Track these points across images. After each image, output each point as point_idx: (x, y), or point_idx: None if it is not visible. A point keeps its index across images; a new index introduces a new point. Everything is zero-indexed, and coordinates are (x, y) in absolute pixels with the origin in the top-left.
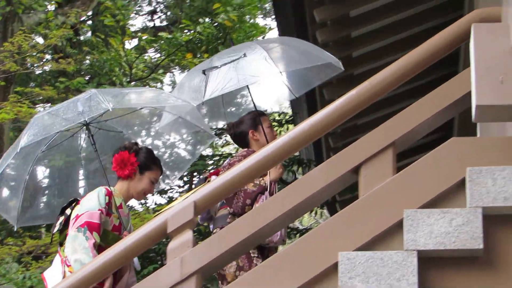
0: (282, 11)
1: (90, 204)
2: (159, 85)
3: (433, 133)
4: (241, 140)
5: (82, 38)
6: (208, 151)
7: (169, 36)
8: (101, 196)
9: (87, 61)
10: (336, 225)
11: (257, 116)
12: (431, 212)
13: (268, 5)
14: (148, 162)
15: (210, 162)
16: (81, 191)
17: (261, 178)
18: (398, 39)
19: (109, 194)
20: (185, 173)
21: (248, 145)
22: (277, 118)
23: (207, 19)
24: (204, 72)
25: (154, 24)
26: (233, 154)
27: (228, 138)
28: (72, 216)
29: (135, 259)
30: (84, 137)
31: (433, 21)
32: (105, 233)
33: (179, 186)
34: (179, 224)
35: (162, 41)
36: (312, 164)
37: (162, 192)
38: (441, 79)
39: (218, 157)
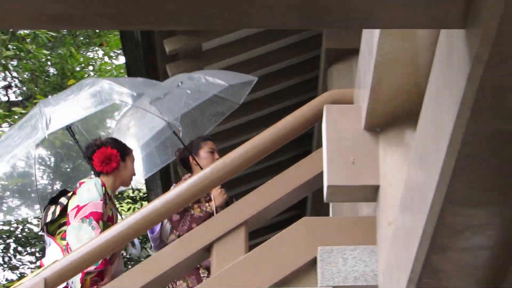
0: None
1: (91, 194)
2: None
3: (287, 211)
4: (185, 165)
5: None
6: None
7: (23, 111)
8: (98, 187)
9: None
10: None
11: (200, 141)
12: None
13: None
14: (124, 148)
15: None
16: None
17: (208, 204)
18: (254, 118)
19: (104, 185)
20: (37, 249)
21: (191, 170)
22: (131, 194)
23: None
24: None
25: (9, 98)
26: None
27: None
28: (71, 206)
29: (137, 243)
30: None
31: (289, 100)
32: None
33: (31, 262)
34: None
35: (16, 116)
36: None
37: (13, 268)
38: (300, 156)
39: None
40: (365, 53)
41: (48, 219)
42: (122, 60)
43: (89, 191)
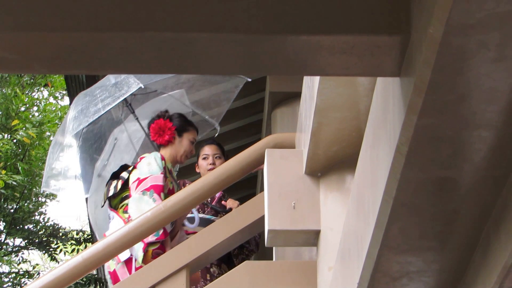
0: None
1: (151, 168)
2: None
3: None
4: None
5: None
6: (4, 268)
7: None
8: (158, 160)
9: None
10: None
11: (199, 148)
12: None
13: None
14: (183, 124)
15: (6, 279)
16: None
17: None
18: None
19: (164, 159)
20: None
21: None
22: (75, 236)
23: (6, 135)
24: None
25: None
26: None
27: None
28: (132, 179)
29: (196, 217)
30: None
31: (234, 142)
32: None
33: None
34: None
35: None
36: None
37: None
38: (244, 199)
39: (15, 274)
40: (306, 97)
41: (110, 193)
42: (67, 101)
43: (149, 165)
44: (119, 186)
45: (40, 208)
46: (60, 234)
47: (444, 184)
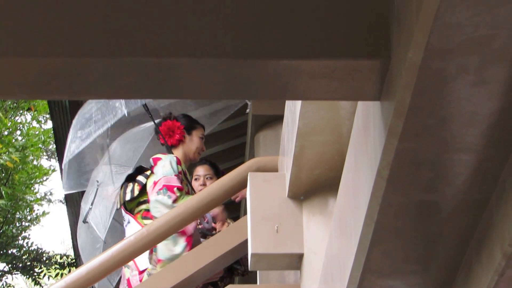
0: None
1: (165, 170)
2: None
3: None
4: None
5: None
6: None
7: None
8: (173, 164)
9: None
10: None
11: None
12: None
13: (53, 146)
14: (190, 122)
15: None
16: None
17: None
18: None
19: (179, 163)
20: None
21: None
22: (59, 260)
23: None
24: None
25: None
26: None
27: None
28: (149, 184)
29: (209, 217)
30: None
31: (219, 165)
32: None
33: None
34: None
35: None
36: None
37: None
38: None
39: None
40: (289, 121)
41: (127, 197)
42: (50, 124)
43: (163, 167)
44: (136, 191)
45: (23, 232)
46: (44, 258)
47: (426, 207)
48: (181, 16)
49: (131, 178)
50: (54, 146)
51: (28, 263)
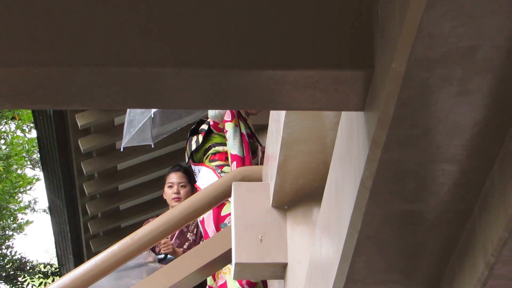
0: (49, 163)
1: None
2: None
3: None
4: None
5: None
6: None
7: None
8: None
9: None
10: None
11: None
12: None
13: (37, 155)
14: None
15: None
16: None
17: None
18: None
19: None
20: None
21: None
22: (43, 269)
23: None
24: None
25: None
26: None
27: None
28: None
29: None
30: None
31: None
32: None
33: None
34: None
35: None
36: None
37: None
38: None
39: None
40: (273, 130)
41: (193, 147)
42: (34, 133)
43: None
44: (200, 139)
45: (7, 241)
46: (28, 267)
47: (409, 217)
48: (164, 27)
49: (194, 132)
50: (38, 155)
51: (12, 272)
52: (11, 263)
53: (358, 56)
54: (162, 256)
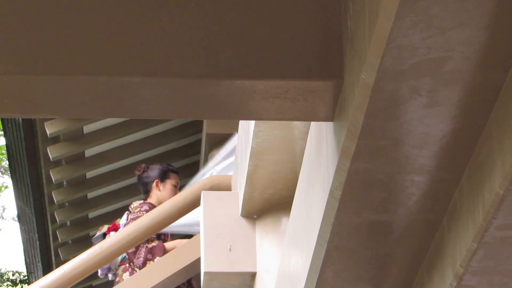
0: (18, 170)
1: None
2: None
3: None
4: (144, 185)
5: None
6: None
7: None
8: None
9: None
10: None
11: (168, 171)
12: None
13: (5, 163)
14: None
15: None
16: None
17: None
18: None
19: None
20: None
21: (149, 193)
22: (11, 277)
23: None
24: None
25: None
26: (131, 208)
27: None
28: None
29: None
30: None
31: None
32: None
33: None
34: None
35: None
36: None
37: None
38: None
39: None
40: (242, 139)
41: None
42: (3, 141)
43: None
44: None
45: None
46: None
47: (378, 228)
48: (134, 36)
49: None
50: (7, 163)
51: None
52: None
53: (328, 67)
54: None
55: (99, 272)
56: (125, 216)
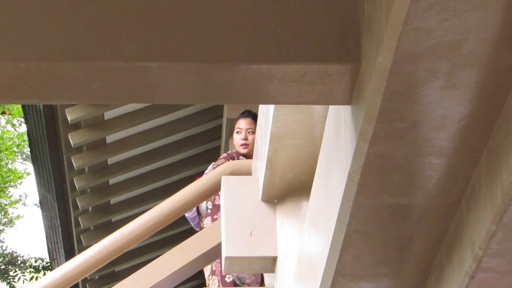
0: (40, 157)
1: None
2: None
3: (188, 281)
4: None
5: None
6: None
7: None
8: None
9: None
10: None
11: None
12: None
13: (27, 150)
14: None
15: None
16: None
17: None
18: (156, 187)
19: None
20: None
21: None
22: (34, 264)
23: None
24: None
25: None
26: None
27: None
28: None
29: None
30: None
31: (192, 169)
32: None
33: None
34: None
35: None
36: None
37: None
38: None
39: None
40: (262, 124)
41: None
42: (24, 128)
43: None
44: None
45: None
46: (19, 262)
47: (397, 211)
48: (151, 21)
49: None
50: (29, 150)
51: (3, 267)
52: (2, 258)
53: (345, 50)
54: None
55: (192, 225)
56: (210, 166)
